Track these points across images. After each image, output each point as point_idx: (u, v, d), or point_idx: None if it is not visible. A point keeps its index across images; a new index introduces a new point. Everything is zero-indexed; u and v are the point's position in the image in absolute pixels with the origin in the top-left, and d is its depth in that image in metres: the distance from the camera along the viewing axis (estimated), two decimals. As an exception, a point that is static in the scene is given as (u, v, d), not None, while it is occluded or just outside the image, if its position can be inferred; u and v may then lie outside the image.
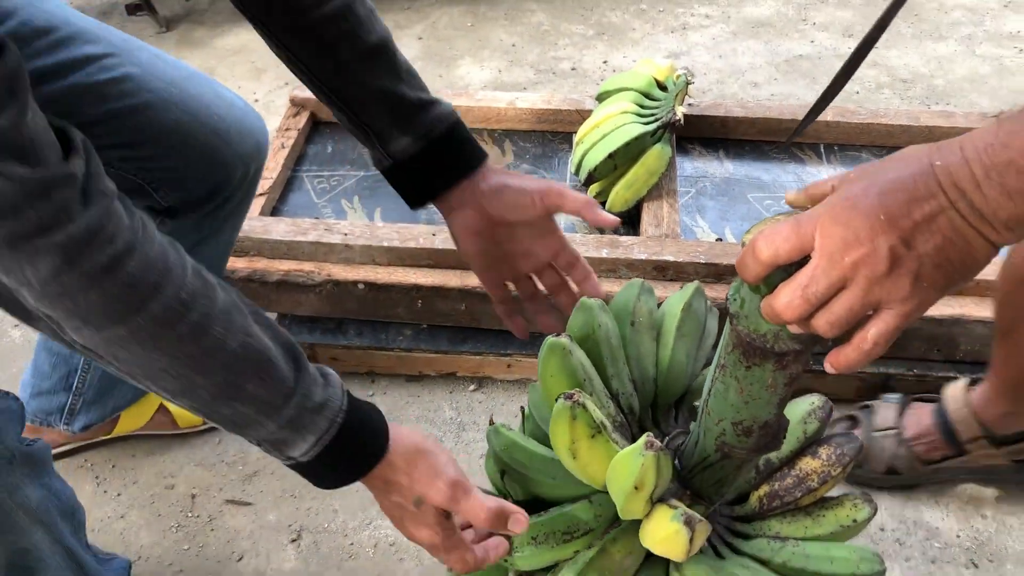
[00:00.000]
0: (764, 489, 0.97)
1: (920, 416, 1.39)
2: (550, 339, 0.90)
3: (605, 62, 2.40)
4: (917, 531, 1.36)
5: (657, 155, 1.59)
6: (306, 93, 1.86)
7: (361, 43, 0.93)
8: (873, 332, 0.63)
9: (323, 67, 0.94)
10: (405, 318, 1.54)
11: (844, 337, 0.65)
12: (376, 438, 0.85)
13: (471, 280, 1.48)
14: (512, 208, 0.96)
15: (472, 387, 1.57)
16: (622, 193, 1.60)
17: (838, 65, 2.32)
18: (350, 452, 0.83)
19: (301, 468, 0.84)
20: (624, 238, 1.51)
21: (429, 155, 0.97)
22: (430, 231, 1.50)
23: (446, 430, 1.51)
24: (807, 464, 0.96)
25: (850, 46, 2.45)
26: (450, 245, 1.23)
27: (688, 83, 1.67)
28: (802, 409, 0.99)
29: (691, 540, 0.79)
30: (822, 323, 0.63)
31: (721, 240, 1.58)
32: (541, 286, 1.09)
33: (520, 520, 0.85)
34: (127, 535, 1.37)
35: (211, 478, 1.43)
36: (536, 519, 0.91)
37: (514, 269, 1.05)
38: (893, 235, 0.58)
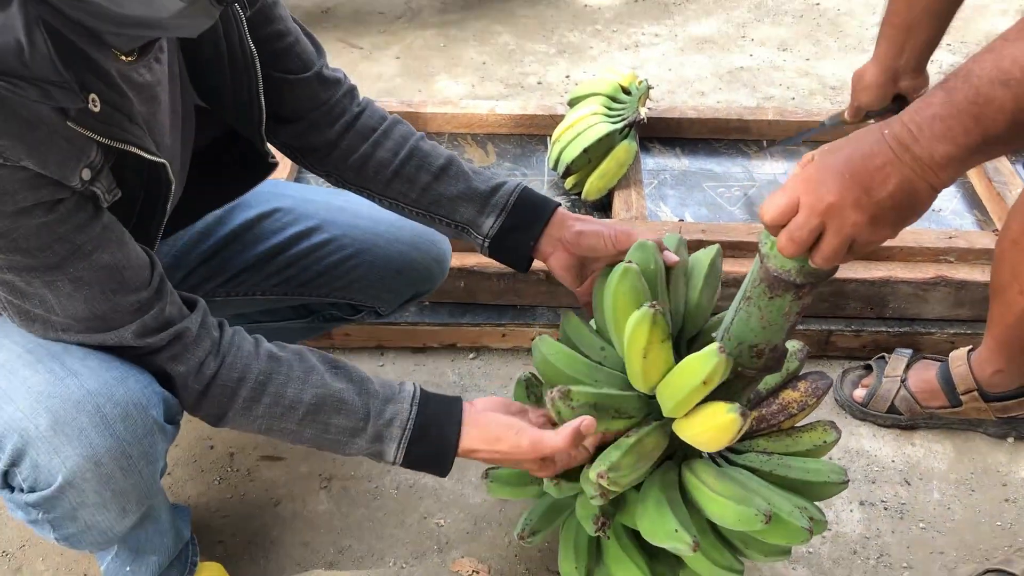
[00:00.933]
0: (754, 414, 1.18)
1: (925, 368, 1.63)
2: (622, 265, 1.07)
3: (567, 76, 2.64)
4: (859, 459, 1.60)
5: (625, 149, 1.83)
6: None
7: (434, 167, 1.24)
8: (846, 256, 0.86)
9: (413, 194, 1.25)
10: (410, 296, 1.75)
11: None
12: (448, 427, 1.09)
13: (468, 260, 1.70)
14: (592, 249, 1.18)
15: (471, 355, 1.78)
16: (596, 183, 1.84)
17: (774, 75, 2.62)
18: (429, 445, 1.09)
19: (409, 466, 1.10)
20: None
21: (511, 222, 1.22)
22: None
23: (449, 392, 1.71)
24: (788, 395, 1.18)
25: (784, 59, 2.74)
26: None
27: (649, 88, 1.91)
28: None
29: (740, 429, 0.99)
30: (817, 259, 0.86)
31: (683, 220, 1.82)
32: None
33: (589, 424, 1.05)
34: (175, 488, 1.54)
35: (245, 439, 1.61)
36: (595, 390, 1.09)
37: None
38: (857, 188, 0.81)
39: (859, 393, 1.66)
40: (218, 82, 1.11)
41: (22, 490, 0.98)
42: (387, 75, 2.70)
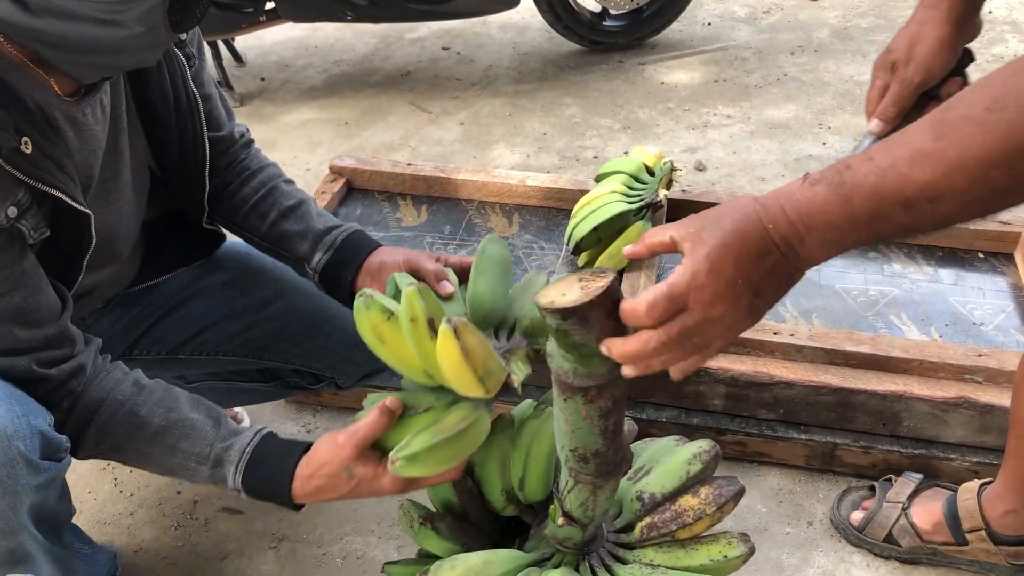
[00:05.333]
0: (646, 520, 1.08)
1: (933, 497, 1.47)
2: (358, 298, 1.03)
3: (626, 152, 2.59)
4: (847, 590, 1.44)
5: (638, 231, 1.76)
6: (344, 163, 2.11)
7: (283, 206, 1.35)
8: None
9: (263, 228, 1.35)
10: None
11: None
12: (287, 459, 1.11)
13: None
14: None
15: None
16: (604, 263, 1.77)
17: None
18: (266, 471, 1.11)
19: (250, 493, 1.13)
20: (599, 302, 1.68)
21: (336, 258, 1.30)
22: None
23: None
24: (686, 501, 1.08)
25: (861, 150, 2.60)
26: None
27: (673, 170, 1.84)
28: (689, 451, 1.11)
29: (458, 337, 0.89)
30: (678, 374, 0.82)
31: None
32: None
33: (393, 400, 1.06)
34: (133, 529, 1.55)
35: (213, 488, 1.61)
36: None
37: None
38: (750, 292, 0.77)
39: (856, 516, 1.51)
40: (166, 126, 1.22)
41: None
42: (447, 140, 2.72)
